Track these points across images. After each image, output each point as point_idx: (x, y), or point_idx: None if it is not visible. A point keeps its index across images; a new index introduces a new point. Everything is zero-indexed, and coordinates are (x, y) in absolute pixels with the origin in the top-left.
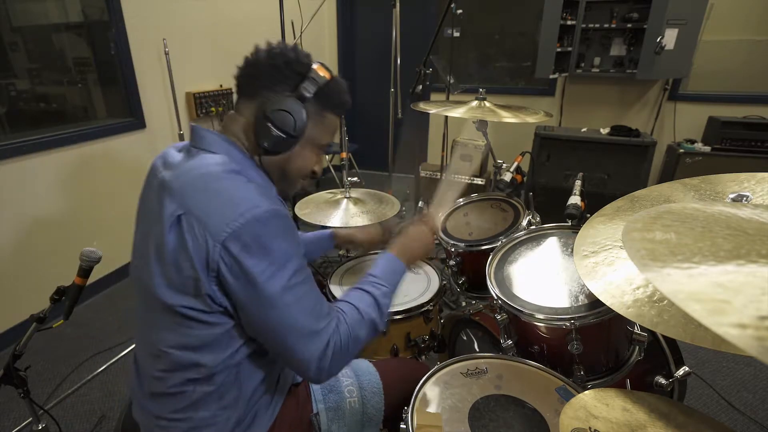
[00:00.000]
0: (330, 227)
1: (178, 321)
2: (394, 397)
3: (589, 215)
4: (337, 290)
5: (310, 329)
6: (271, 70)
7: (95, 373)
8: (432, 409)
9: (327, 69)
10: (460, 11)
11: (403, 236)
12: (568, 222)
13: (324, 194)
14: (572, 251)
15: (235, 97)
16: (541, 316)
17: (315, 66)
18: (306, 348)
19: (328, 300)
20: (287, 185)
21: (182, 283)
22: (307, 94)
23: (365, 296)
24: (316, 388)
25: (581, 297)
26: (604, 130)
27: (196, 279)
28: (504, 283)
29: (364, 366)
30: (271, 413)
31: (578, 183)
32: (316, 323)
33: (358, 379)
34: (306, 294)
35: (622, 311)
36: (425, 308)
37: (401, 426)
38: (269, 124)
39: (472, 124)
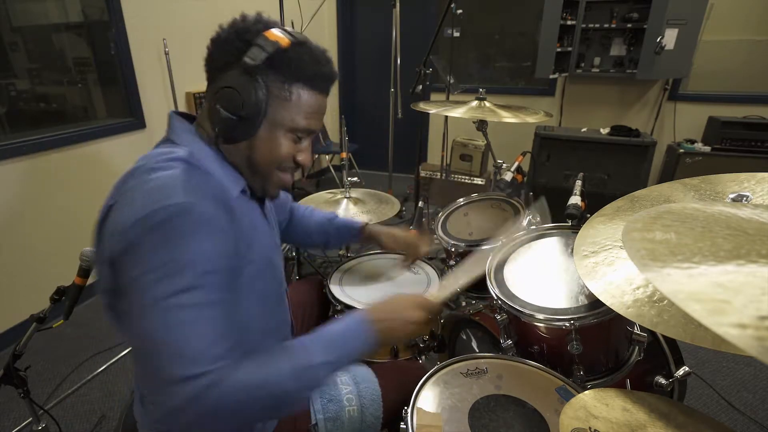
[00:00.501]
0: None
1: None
2: (393, 403)
3: (589, 215)
4: (337, 290)
5: (174, 370)
6: (222, 45)
7: (95, 373)
8: (432, 409)
9: (288, 34)
10: (460, 11)
11: (390, 303)
12: (568, 222)
13: (324, 194)
14: (572, 251)
15: None
16: (541, 317)
17: (268, 31)
18: (168, 387)
19: (329, 301)
20: (260, 179)
21: (104, 278)
22: (251, 62)
23: (283, 360)
24: (315, 398)
25: (581, 297)
26: (604, 130)
27: (105, 273)
28: (504, 283)
29: (364, 372)
30: (268, 427)
31: (578, 183)
32: (185, 366)
33: (358, 387)
34: (190, 322)
35: (622, 311)
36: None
37: (401, 426)
38: (217, 106)
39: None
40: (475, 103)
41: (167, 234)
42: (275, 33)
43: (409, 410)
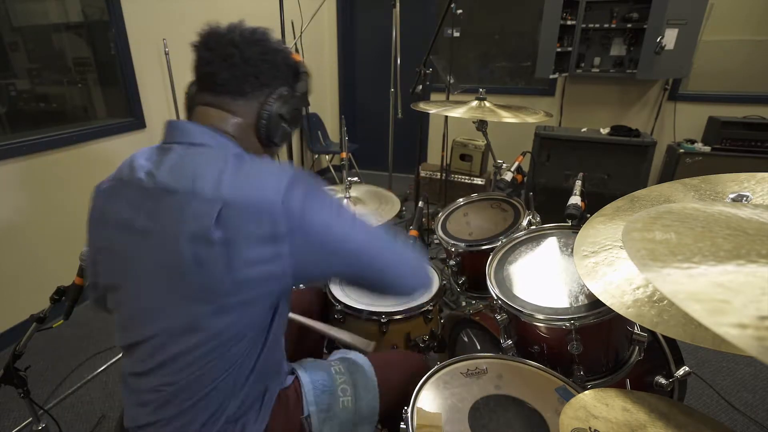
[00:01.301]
0: None
1: (197, 324)
2: (391, 394)
3: (589, 215)
4: (337, 290)
5: (395, 246)
6: (270, 69)
7: (95, 373)
8: (432, 409)
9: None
10: (460, 11)
11: None
12: (568, 222)
13: None
14: (572, 251)
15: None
16: (541, 317)
17: (298, 59)
18: (411, 266)
19: (330, 302)
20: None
21: (217, 284)
22: (303, 90)
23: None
24: (308, 390)
25: (581, 297)
26: (604, 130)
27: (242, 270)
28: (504, 283)
29: (360, 362)
30: (260, 424)
31: (578, 183)
32: (394, 240)
33: (352, 377)
34: (383, 230)
35: (622, 311)
36: (425, 308)
37: (401, 426)
38: (284, 125)
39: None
40: (475, 103)
41: (310, 190)
42: (303, 65)
43: (409, 410)
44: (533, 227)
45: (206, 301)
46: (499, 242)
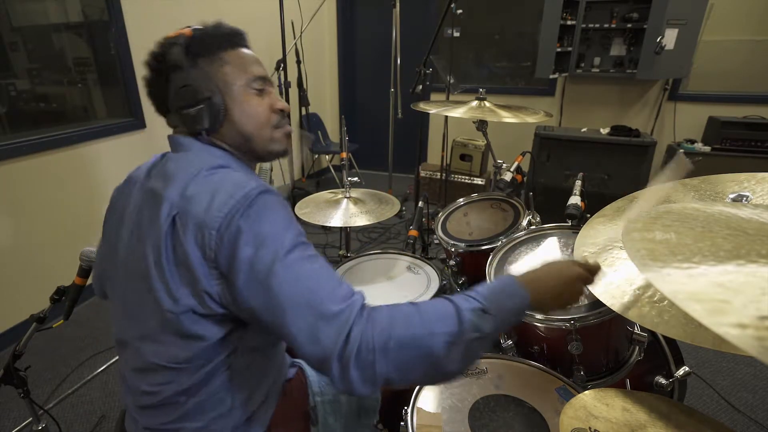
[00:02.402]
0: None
1: (171, 331)
2: (389, 389)
3: (589, 215)
4: None
5: (320, 309)
6: (153, 76)
7: (95, 373)
8: (432, 409)
9: (183, 29)
10: (460, 11)
11: (542, 270)
12: (568, 222)
13: (324, 194)
14: (572, 251)
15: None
16: (540, 317)
17: (167, 35)
18: (320, 333)
19: None
20: (262, 144)
21: (179, 288)
22: (179, 60)
23: (441, 303)
24: (313, 381)
25: (581, 297)
26: (604, 130)
27: (195, 279)
28: None
29: None
30: (267, 414)
31: (578, 183)
32: (329, 303)
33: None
34: (312, 271)
35: (622, 311)
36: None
37: (401, 426)
38: (184, 111)
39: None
40: (475, 103)
41: (264, 207)
42: (174, 32)
43: (409, 410)
44: (533, 227)
45: (162, 308)
46: (499, 242)
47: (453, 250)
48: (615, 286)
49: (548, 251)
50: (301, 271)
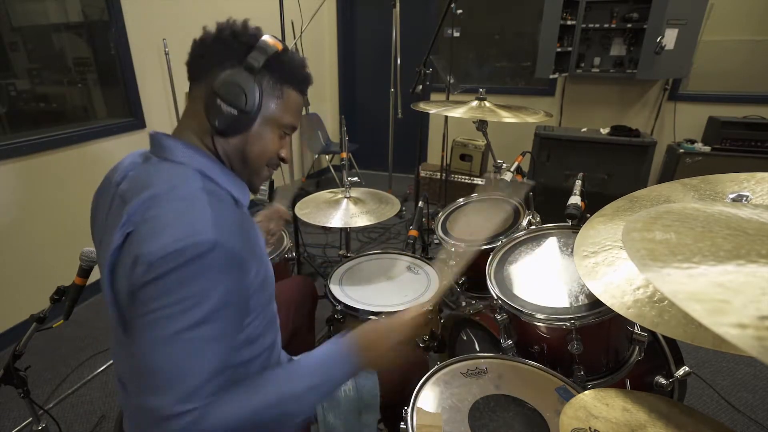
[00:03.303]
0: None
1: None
2: (391, 382)
3: (589, 215)
4: (337, 290)
5: (174, 402)
6: (218, 45)
7: (95, 373)
8: (432, 409)
9: (278, 40)
10: (460, 11)
11: (377, 330)
12: (568, 222)
13: (324, 194)
14: (572, 251)
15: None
16: (541, 316)
17: (265, 37)
18: (157, 420)
19: (317, 297)
20: (251, 173)
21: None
22: (256, 64)
23: (270, 388)
24: None
25: (581, 297)
26: (604, 130)
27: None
28: (504, 283)
29: None
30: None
31: (578, 183)
32: (185, 401)
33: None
34: (199, 355)
35: (622, 311)
36: (425, 308)
37: (401, 426)
38: (219, 101)
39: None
40: (475, 103)
41: (197, 270)
42: (271, 39)
43: (409, 410)
44: (533, 227)
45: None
46: (499, 242)
47: (453, 250)
48: (615, 286)
49: (548, 251)
50: (185, 347)
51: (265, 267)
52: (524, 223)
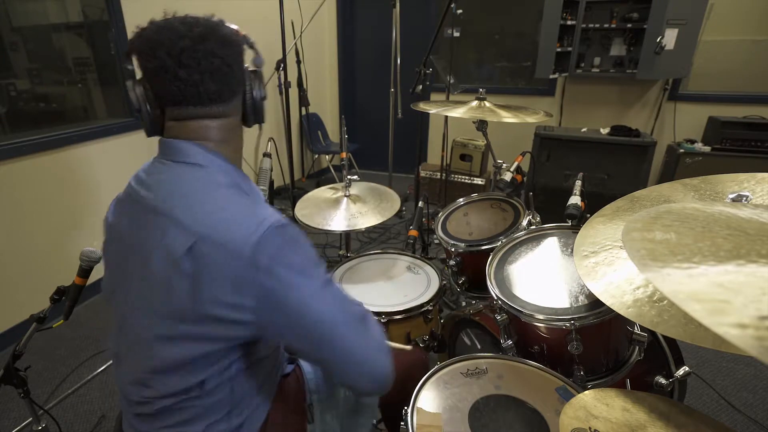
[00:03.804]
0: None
1: (170, 350)
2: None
3: (589, 215)
4: None
5: (359, 327)
6: (231, 57)
7: (95, 373)
8: (432, 409)
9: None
10: (460, 11)
11: None
12: (568, 222)
13: (323, 191)
14: (572, 251)
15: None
16: (541, 317)
17: (234, 31)
18: (369, 349)
19: None
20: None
21: (182, 310)
22: (257, 67)
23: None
24: (309, 378)
25: (581, 297)
26: (604, 130)
27: (205, 305)
28: (504, 283)
29: None
30: (262, 413)
31: (578, 183)
32: (362, 320)
33: None
34: (342, 292)
35: (622, 311)
36: (425, 308)
37: (401, 426)
38: (263, 104)
39: None
40: (475, 103)
41: (290, 240)
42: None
43: (409, 410)
44: (533, 227)
45: (167, 323)
46: (499, 242)
47: (453, 250)
48: (615, 286)
49: (548, 251)
50: (336, 290)
51: None
52: (524, 223)
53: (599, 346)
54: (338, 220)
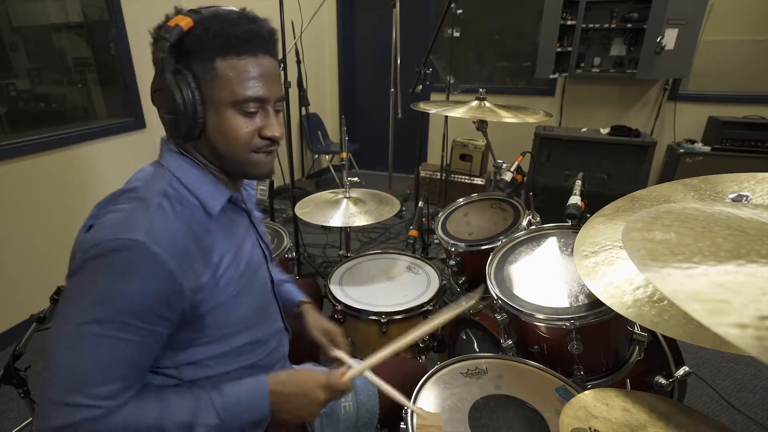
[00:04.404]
0: (331, 226)
1: None
2: (390, 399)
3: (589, 215)
4: (337, 290)
5: (61, 392)
6: (153, 53)
7: None
8: (432, 409)
9: (193, 12)
10: (460, 11)
11: (296, 380)
12: (568, 222)
13: (324, 194)
14: (572, 251)
15: None
16: (541, 316)
17: (170, 20)
18: (46, 409)
19: (324, 301)
20: (238, 165)
21: None
22: (160, 55)
23: (183, 412)
24: None
25: (581, 297)
26: (604, 130)
27: None
28: (504, 283)
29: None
30: (261, 426)
31: (578, 183)
32: (73, 393)
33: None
34: (92, 353)
35: (622, 311)
36: (425, 308)
37: (401, 426)
38: (161, 113)
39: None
40: (475, 103)
41: (105, 266)
42: (177, 17)
43: (409, 410)
44: (533, 227)
45: None
46: (499, 242)
47: (453, 250)
48: (615, 286)
49: (548, 251)
50: (85, 344)
51: (251, 266)
52: (524, 223)
53: (599, 345)
54: (337, 218)
